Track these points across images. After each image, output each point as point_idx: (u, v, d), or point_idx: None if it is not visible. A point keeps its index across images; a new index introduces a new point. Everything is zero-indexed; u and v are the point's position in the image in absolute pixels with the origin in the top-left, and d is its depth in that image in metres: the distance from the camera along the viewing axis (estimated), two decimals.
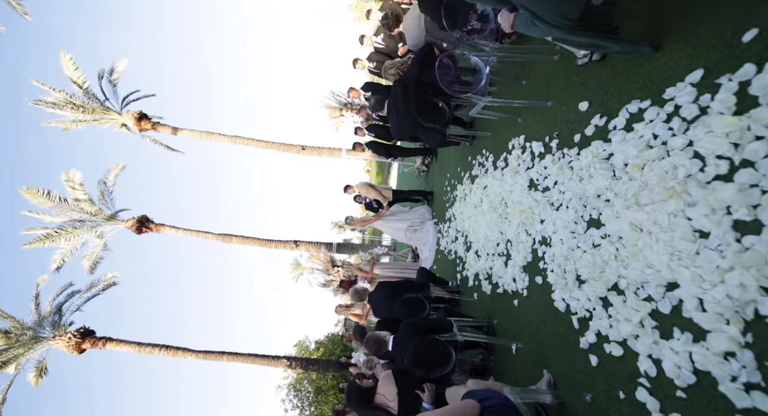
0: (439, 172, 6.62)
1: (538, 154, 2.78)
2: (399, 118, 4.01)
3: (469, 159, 4.57)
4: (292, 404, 16.58)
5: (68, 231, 12.39)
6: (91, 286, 14.09)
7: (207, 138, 12.64)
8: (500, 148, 3.58)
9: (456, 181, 5.15)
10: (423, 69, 3.90)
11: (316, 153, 13.14)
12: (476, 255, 3.90)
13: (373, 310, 4.11)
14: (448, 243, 5.16)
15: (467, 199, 4.41)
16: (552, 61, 2.72)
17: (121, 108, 12.39)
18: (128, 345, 13.30)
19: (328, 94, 7.81)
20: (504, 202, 3.29)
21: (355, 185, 7.08)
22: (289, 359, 13.86)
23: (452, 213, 5.13)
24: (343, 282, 7.27)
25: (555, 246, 2.37)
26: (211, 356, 13.51)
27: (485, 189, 3.82)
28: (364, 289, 4.23)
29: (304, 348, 21.52)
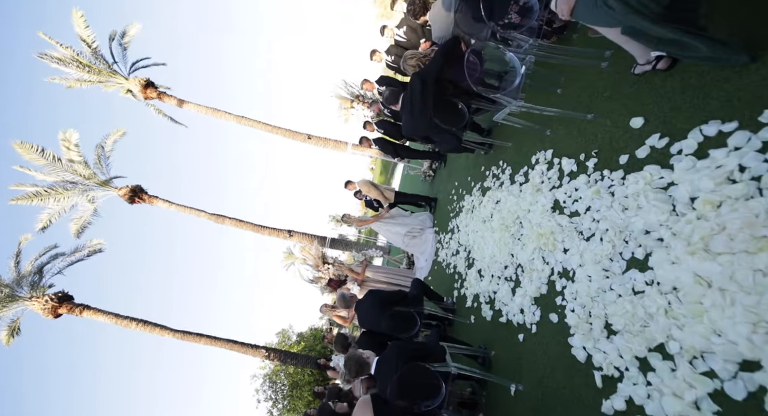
0: (446, 179, 6.24)
1: (569, 172, 2.40)
2: (413, 115, 3.63)
3: (483, 169, 4.20)
4: (266, 395, 16.22)
5: (58, 192, 11.97)
6: (75, 250, 13.69)
7: (213, 114, 12.23)
8: (521, 161, 3.21)
9: (464, 191, 4.77)
10: (446, 64, 3.52)
11: (322, 144, 12.74)
12: (479, 275, 3.52)
13: (359, 320, 3.75)
14: (447, 255, 4.79)
15: (475, 211, 4.04)
16: (598, 69, 2.35)
17: (128, 73, 11.96)
18: (105, 316, 12.91)
19: (341, 83, 7.42)
20: (519, 221, 2.92)
21: (357, 182, 6.71)
22: (268, 350, 13.50)
23: (456, 224, 4.76)
24: (332, 280, 6.89)
25: (580, 283, 1.99)
26: (189, 337, 13.14)
27: (498, 204, 3.45)
28: (352, 296, 3.86)
29: (287, 337, 21.12)
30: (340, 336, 3.80)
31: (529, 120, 2.90)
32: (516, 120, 2.85)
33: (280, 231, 13.29)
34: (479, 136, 3.96)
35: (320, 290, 7.38)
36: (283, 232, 13.41)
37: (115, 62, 11.88)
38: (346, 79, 7.52)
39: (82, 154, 11.86)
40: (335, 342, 3.83)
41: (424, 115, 3.59)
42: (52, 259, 13.52)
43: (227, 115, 12.14)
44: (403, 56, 3.76)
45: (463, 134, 3.73)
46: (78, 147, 11.67)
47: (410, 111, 3.62)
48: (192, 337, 12.97)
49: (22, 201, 11.72)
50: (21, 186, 11.60)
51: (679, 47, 1.36)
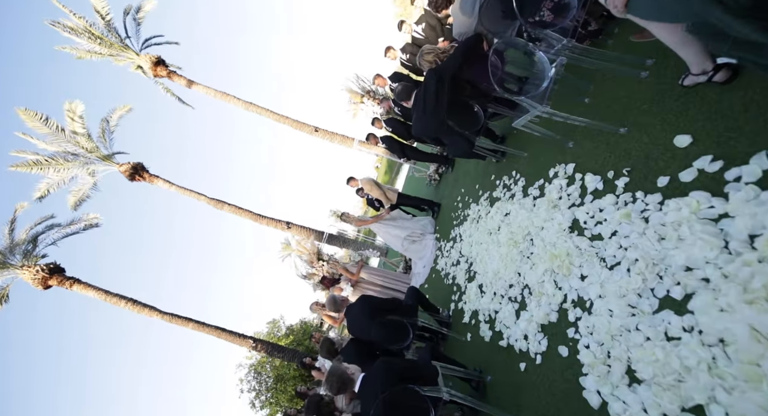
0: (452, 185, 5.99)
1: (593, 190, 2.16)
2: (425, 113, 3.38)
3: (493, 178, 3.95)
4: (250, 386, 15.98)
5: (59, 163, 11.77)
6: (71, 223, 13.49)
7: (221, 98, 12.00)
8: (537, 173, 2.96)
9: (471, 199, 4.53)
10: (465, 63, 3.28)
11: (328, 137, 12.50)
12: (479, 290, 3.28)
13: (348, 325, 3.52)
14: (447, 264, 4.55)
15: (481, 222, 3.79)
16: (636, 78, 2.10)
17: (140, 49, 11.73)
18: (95, 291, 12.72)
19: (353, 77, 7.18)
20: (530, 237, 2.67)
21: (360, 179, 6.47)
22: (255, 340, 13.28)
23: (459, 233, 4.52)
24: (325, 278, 6.66)
25: (598, 316, 1.75)
26: (178, 320, 12.94)
27: (507, 216, 3.21)
28: (343, 300, 3.63)
29: (278, 328, 20.85)
30: (327, 341, 3.57)
31: (550, 129, 2.66)
32: (536, 128, 2.60)
33: (279, 222, 13.06)
34: (492, 143, 3.72)
35: (312, 286, 7.15)
36: (281, 223, 13.18)
37: (127, 37, 11.65)
38: (359, 73, 7.27)
39: (86, 127, 11.66)
40: (321, 347, 3.61)
41: (437, 114, 3.34)
42: (47, 230, 13.33)
43: (235, 100, 11.90)
44: (420, 50, 3.51)
45: (476, 139, 3.49)
46: (82, 119, 11.46)
47: (422, 109, 3.37)
48: (180, 321, 12.77)
49: (21, 168, 11.53)
50: (21, 153, 11.40)
51: (759, 53, 1.12)
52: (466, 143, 3.56)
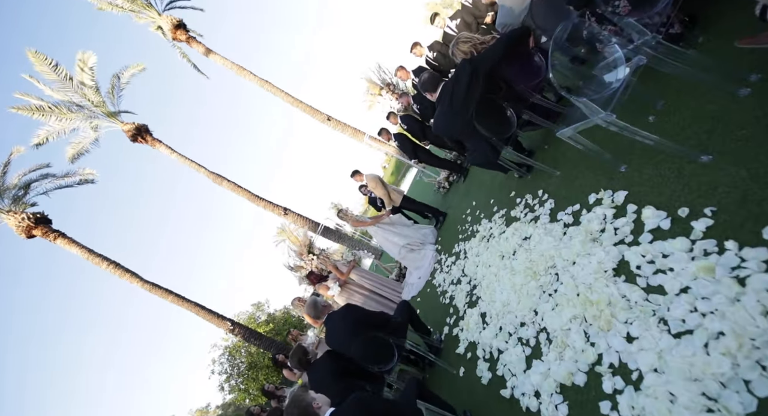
0: (462, 195, 5.53)
1: (653, 228, 1.70)
2: (451, 109, 2.92)
3: (513, 194, 3.49)
4: (222, 368, 15.51)
5: (62, 112, 11.32)
6: (66, 175, 13.06)
7: (237, 72, 11.54)
8: (571, 196, 2.50)
9: (483, 214, 4.07)
10: (506, 58, 2.82)
11: (340, 128, 12.05)
12: (481, 319, 2.83)
13: (326, 336, 3.07)
14: (445, 281, 4.09)
15: (492, 241, 3.34)
16: (732, 95, 1.64)
17: (163, 9, 11.29)
18: (79, 248, 12.29)
19: (374, 67, 6.71)
20: (555, 271, 2.21)
21: (365, 174, 6.02)
22: (233, 323, 12.84)
23: (464, 249, 4.06)
24: (312, 273, 6.20)
25: (651, 398, 1.29)
26: (158, 291, 12.51)
27: (526, 240, 2.75)
28: (326, 306, 3.17)
29: (261, 310, 20.39)
30: (300, 350, 3.12)
31: (600, 144, 2.20)
32: (583, 141, 2.14)
33: (277, 206, 12.61)
34: (520, 155, 3.26)
35: (298, 280, 6.69)
36: (279, 208, 12.72)
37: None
38: (381, 64, 6.80)
39: (95, 80, 11.21)
40: (292, 355, 3.16)
41: (465, 111, 2.89)
42: (41, 179, 12.90)
43: (251, 76, 11.45)
44: (455, 38, 3.05)
45: (503, 148, 3.03)
46: (93, 71, 11.02)
47: (449, 104, 2.91)
48: (160, 292, 12.33)
49: (23, 111, 11.09)
50: (25, 96, 10.95)
51: None
52: (491, 150, 3.10)
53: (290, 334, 6.32)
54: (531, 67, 2.89)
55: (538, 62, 2.92)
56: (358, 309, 3.06)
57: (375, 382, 2.93)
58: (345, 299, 5.98)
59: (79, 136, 12.01)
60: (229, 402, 16.55)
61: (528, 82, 2.90)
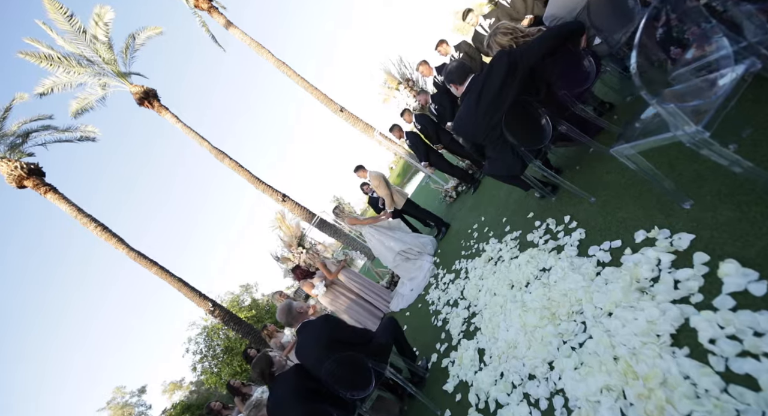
0: (470, 208, 5.09)
1: (738, 292, 1.26)
2: (478, 106, 2.48)
3: (531, 215, 3.06)
4: (198, 348, 15.06)
5: (71, 65, 10.89)
6: (68, 129, 12.66)
7: (255, 49, 11.11)
8: (609, 230, 2.06)
9: (492, 232, 3.63)
10: (552, 55, 2.38)
11: (351, 121, 11.61)
12: (478, 356, 2.39)
13: (297, 348, 2.63)
14: (440, 300, 3.66)
15: (501, 266, 2.89)
16: None
17: None
18: (68, 205, 11.88)
19: (396, 59, 6.28)
20: (581, 319, 1.78)
21: (370, 171, 5.58)
22: (215, 305, 12.42)
23: (466, 267, 3.62)
24: (298, 268, 5.77)
25: None
26: (143, 261, 12.10)
27: (544, 273, 2.31)
28: (301, 312, 2.72)
29: (249, 292, 19.90)
30: (264, 359, 2.68)
31: (664, 167, 1.76)
32: (643, 163, 1.71)
33: (276, 191, 12.17)
34: (549, 172, 2.82)
35: (284, 272, 6.25)
36: (277, 194, 12.29)
37: None
38: (403, 57, 6.36)
39: (109, 36, 10.79)
40: (254, 365, 2.72)
41: (493, 112, 2.45)
42: (41, 130, 12.50)
43: (269, 55, 11.02)
44: (494, 28, 2.62)
45: (531, 161, 2.59)
46: (108, 27, 10.60)
47: (476, 100, 2.47)
48: (145, 262, 11.92)
49: (31, 58, 10.67)
50: (35, 42, 10.53)
51: None
52: (516, 162, 2.66)
53: (266, 329, 5.89)
54: (579, 71, 2.46)
55: (587, 66, 2.48)
56: (338, 323, 2.62)
57: (345, 411, 2.50)
58: (329, 300, 5.55)
59: (86, 92, 11.59)
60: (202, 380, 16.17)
61: (572, 88, 2.47)
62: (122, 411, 30.82)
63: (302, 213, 12.14)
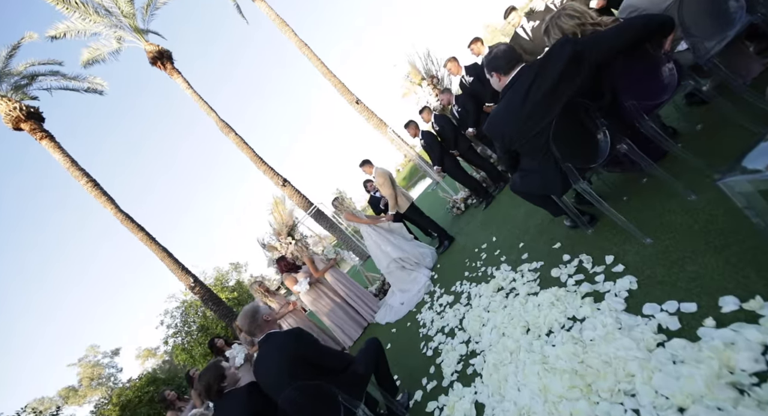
0: (480, 225, 4.59)
1: None
2: (524, 104, 1.98)
3: (557, 246, 2.57)
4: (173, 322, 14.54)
5: (88, 12, 10.40)
6: (76, 78, 12.18)
7: (279, 26, 10.62)
8: (674, 286, 1.57)
9: (505, 257, 3.14)
10: (627, 52, 1.88)
11: (366, 115, 11.13)
12: (475, 411, 1.90)
13: (256, 365, 2.15)
14: (433, 324, 3.17)
15: (515, 301, 2.40)
16: None
17: None
18: (62, 155, 11.42)
19: (423, 53, 5.78)
20: (632, 401, 1.29)
21: (376, 167, 5.09)
22: (196, 281, 11.96)
23: (469, 292, 3.13)
24: (284, 259, 5.29)
25: None
26: (130, 225, 11.64)
27: (575, 324, 1.82)
28: (268, 321, 2.22)
29: (239, 272, 19.33)
30: (213, 370, 2.18)
31: None
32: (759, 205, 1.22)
33: (277, 174, 11.70)
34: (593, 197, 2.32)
35: (268, 261, 5.77)
36: (278, 177, 11.81)
37: None
38: (431, 51, 5.86)
39: None
40: (200, 376, 2.22)
41: (542, 112, 1.95)
42: (50, 75, 12.04)
43: (292, 34, 10.53)
44: (559, 9, 2.11)
45: (578, 182, 2.09)
46: None
47: (524, 94, 1.97)
48: (132, 226, 11.46)
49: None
50: None
51: None
52: (557, 180, 2.16)
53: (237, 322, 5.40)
54: (656, 80, 1.96)
55: (666, 75, 1.99)
56: (311, 341, 2.13)
57: None
58: (311, 300, 5.06)
59: (99, 43, 11.11)
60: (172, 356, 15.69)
61: (644, 100, 1.97)
62: (92, 370, 30.35)
63: (301, 200, 11.66)
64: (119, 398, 14.52)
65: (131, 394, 14.43)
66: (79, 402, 28.18)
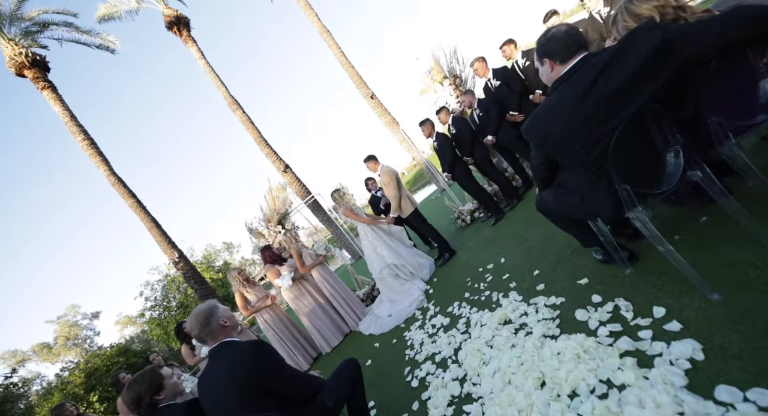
0: (486, 242, 4.17)
1: None
2: (583, 99, 1.54)
3: (585, 282, 2.15)
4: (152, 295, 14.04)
5: None
6: (89, 32, 11.75)
7: (303, 8, 10.17)
8: (763, 367, 1.15)
9: (515, 282, 2.71)
10: (725, 54, 1.46)
11: (379, 111, 10.70)
12: None
13: (200, 378, 1.72)
14: (423, 347, 2.74)
15: (524, 341, 1.98)
16: None
17: None
18: (62, 108, 11.00)
19: (449, 50, 5.36)
20: None
21: (382, 165, 4.67)
22: (181, 257, 11.54)
23: (468, 317, 2.71)
24: (269, 249, 4.86)
25: None
26: (121, 189, 11.22)
27: (610, 390, 1.40)
28: (225, 327, 1.78)
29: (230, 252, 18.77)
30: (148, 377, 1.76)
31: None
32: None
33: (279, 159, 11.27)
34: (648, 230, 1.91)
35: (252, 247, 5.34)
36: (280, 162, 11.38)
37: None
38: (459, 50, 5.45)
39: None
40: (131, 384, 1.80)
41: (611, 111, 1.51)
42: (63, 25, 11.60)
43: (315, 18, 10.10)
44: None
45: (635, 210, 1.66)
46: None
47: (584, 90, 1.53)
48: (123, 190, 11.03)
49: None
50: None
51: None
52: (608, 204, 1.72)
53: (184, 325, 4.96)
54: (752, 95, 1.55)
55: (766, 91, 1.58)
56: (272, 360, 1.69)
57: None
58: (292, 297, 4.64)
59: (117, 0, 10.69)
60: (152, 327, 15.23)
61: (736, 118, 1.55)
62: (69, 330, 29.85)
63: (299, 189, 11.23)
64: (87, 364, 14.04)
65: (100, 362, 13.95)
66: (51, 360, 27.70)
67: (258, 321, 4.66)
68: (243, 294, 4.63)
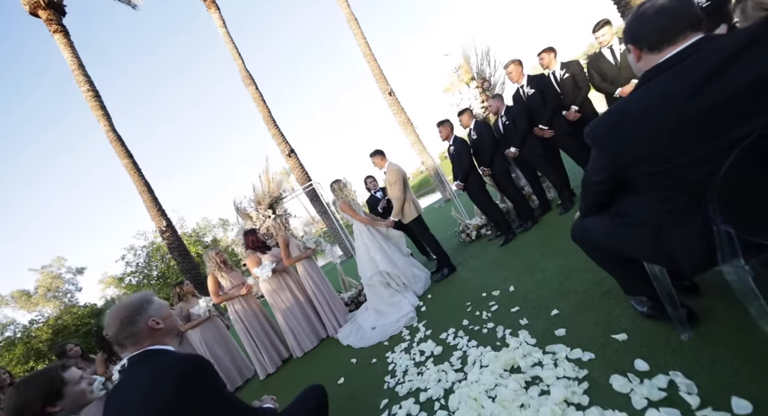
0: (494, 264, 3.71)
1: None
2: (692, 95, 1.09)
3: (624, 339, 1.70)
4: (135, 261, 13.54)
5: None
6: None
7: None
8: None
9: (527, 322, 2.26)
10: None
11: (395, 109, 10.24)
12: None
13: (109, 396, 1.29)
14: (406, 376, 2.28)
15: (538, 403, 1.52)
16: None
17: None
18: (71, 54, 10.56)
19: (483, 51, 4.91)
20: None
21: (390, 162, 4.22)
22: (168, 226, 11.06)
23: (465, 350, 2.26)
24: (254, 233, 4.40)
25: None
26: (119, 147, 10.75)
27: None
28: (155, 330, 1.34)
29: (225, 229, 18.21)
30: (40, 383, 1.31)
31: None
32: None
33: (285, 142, 10.82)
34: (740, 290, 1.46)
35: (237, 229, 4.88)
36: (286, 145, 10.94)
37: None
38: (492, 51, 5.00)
39: None
40: (16, 388, 1.37)
41: (724, 122, 1.06)
42: None
43: (344, 3, 9.65)
44: None
45: (729, 262, 1.21)
46: None
47: (697, 84, 1.08)
48: (120, 148, 10.56)
49: None
50: None
51: None
52: (697, 249, 1.27)
53: (180, 286, 4.51)
54: None
55: None
56: (200, 393, 1.24)
57: None
58: (270, 290, 4.18)
59: None
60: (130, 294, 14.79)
61: None
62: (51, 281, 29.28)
63: (301, 175, 10.78)
64: (57, 320, 13.48)
65: (70, 320, 13.41)
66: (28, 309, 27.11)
67: (229, 311, 4.20)
68: (216, 277, 4.17)
